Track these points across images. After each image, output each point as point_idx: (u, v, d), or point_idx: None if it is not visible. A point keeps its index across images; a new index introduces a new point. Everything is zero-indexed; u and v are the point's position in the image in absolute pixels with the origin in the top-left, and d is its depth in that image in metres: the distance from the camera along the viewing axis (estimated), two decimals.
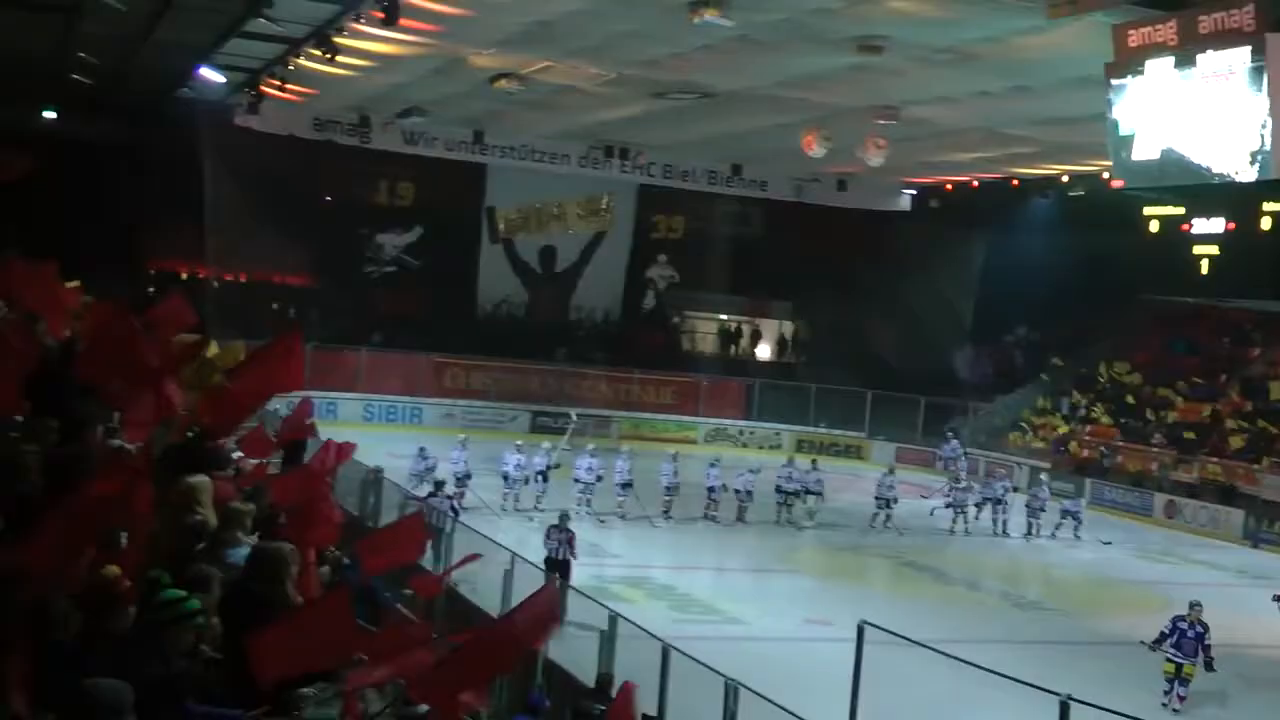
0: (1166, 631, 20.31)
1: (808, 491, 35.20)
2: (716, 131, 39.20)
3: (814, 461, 37.81)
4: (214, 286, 46.90)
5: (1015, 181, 43.95)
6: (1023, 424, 47.78)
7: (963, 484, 37.10)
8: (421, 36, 28.51)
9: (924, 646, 16.14)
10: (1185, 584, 27.55)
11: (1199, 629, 20.09)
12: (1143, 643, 20.69)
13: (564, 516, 25.03)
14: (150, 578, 7.03)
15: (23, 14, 29.64)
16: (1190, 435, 42.61)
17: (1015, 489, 36.64)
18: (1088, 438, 45.21)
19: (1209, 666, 20.11)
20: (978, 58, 26.12)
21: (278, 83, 35.55)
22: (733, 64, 28.87)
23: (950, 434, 44.75)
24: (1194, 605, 20.40)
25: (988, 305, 51.12)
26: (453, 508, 27.66)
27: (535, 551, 23.62)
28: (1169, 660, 20.17)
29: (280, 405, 19.75)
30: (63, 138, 44.19)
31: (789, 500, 34.85)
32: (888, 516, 35.25)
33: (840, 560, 32.68)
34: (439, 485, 28.35)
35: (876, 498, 35.67)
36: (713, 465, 34.80)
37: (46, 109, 44.06)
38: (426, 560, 23.16)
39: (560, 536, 24.17)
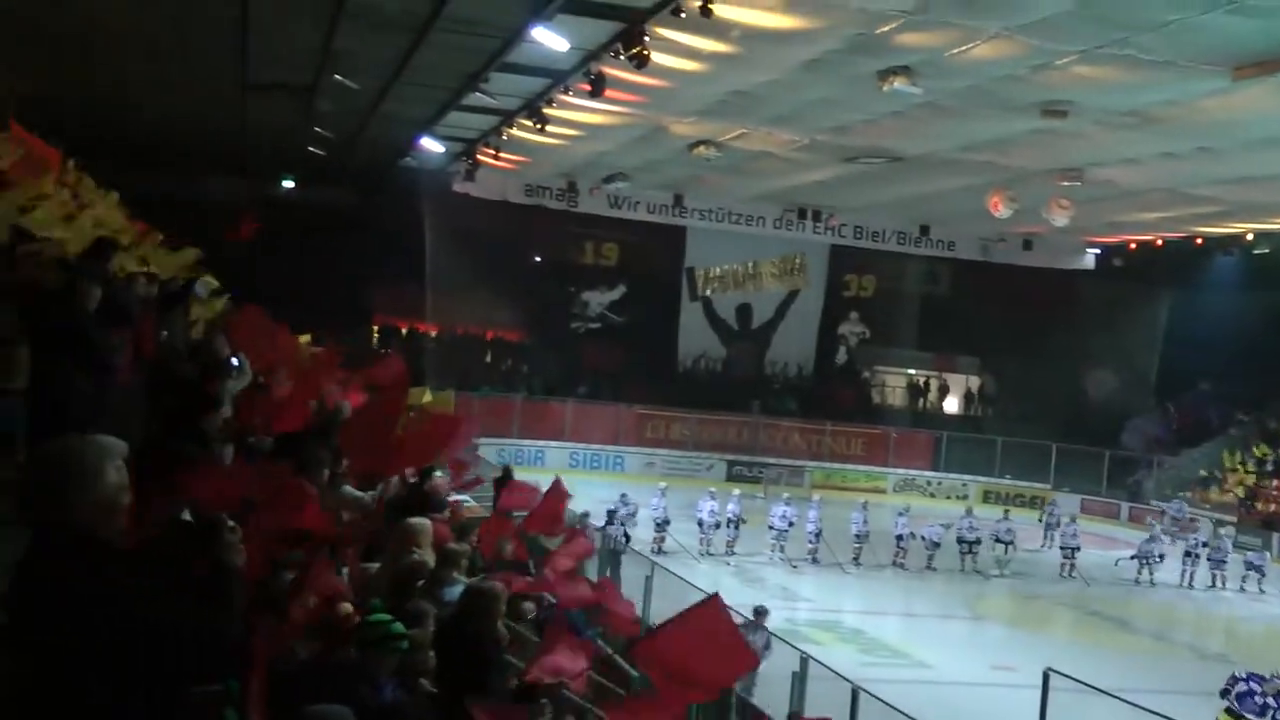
0: (1231, 684, 17.26)
1: (998, 540, 34.60)
2: (905, 194, 38.91)
3: (1006, 512, 37.18)
4: (432, 340, 47.90)
5: (1199, 240, 42.70)
6: (1209, 478, 46.24)
7: (1150, 536, 36.04)
8: (625, 107, 28.86)
9: (1109, 695, 15.71)
10: None
11: (1274, 704, 16.83)
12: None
13: (760, 612, 19.78)
14: (328, 615, 7.16)
15: (267, 94, 30.80)
16: None
17: (1206, 543, 35.43)
18: (1275, 491, 43.56)
19: None
20: (1162, 120, 25.53)
21: (492, 151, 36.26)
22: (921, 129, 28.66)
23: (1182, 495, 43.40)
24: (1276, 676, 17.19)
25: (1172, 360, 49.69)
26: (625, 534, 28.08)
27: (729, 593, 23.49)
28: (1227, 712, 17.10)
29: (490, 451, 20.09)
30: (299, 204, 45.84)
31: (971, 549, 34.26)
32: (1072, 566, 34.49)
33: (1026, 608, 32.00)
34: (611, 515, 28.72)
35: (1061, 547, 34.96)
36: (901, 514, 34.43)
37: (285, 179, 45.64)
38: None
39: (755, 640, 17.86)
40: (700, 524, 33.02)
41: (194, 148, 40.18)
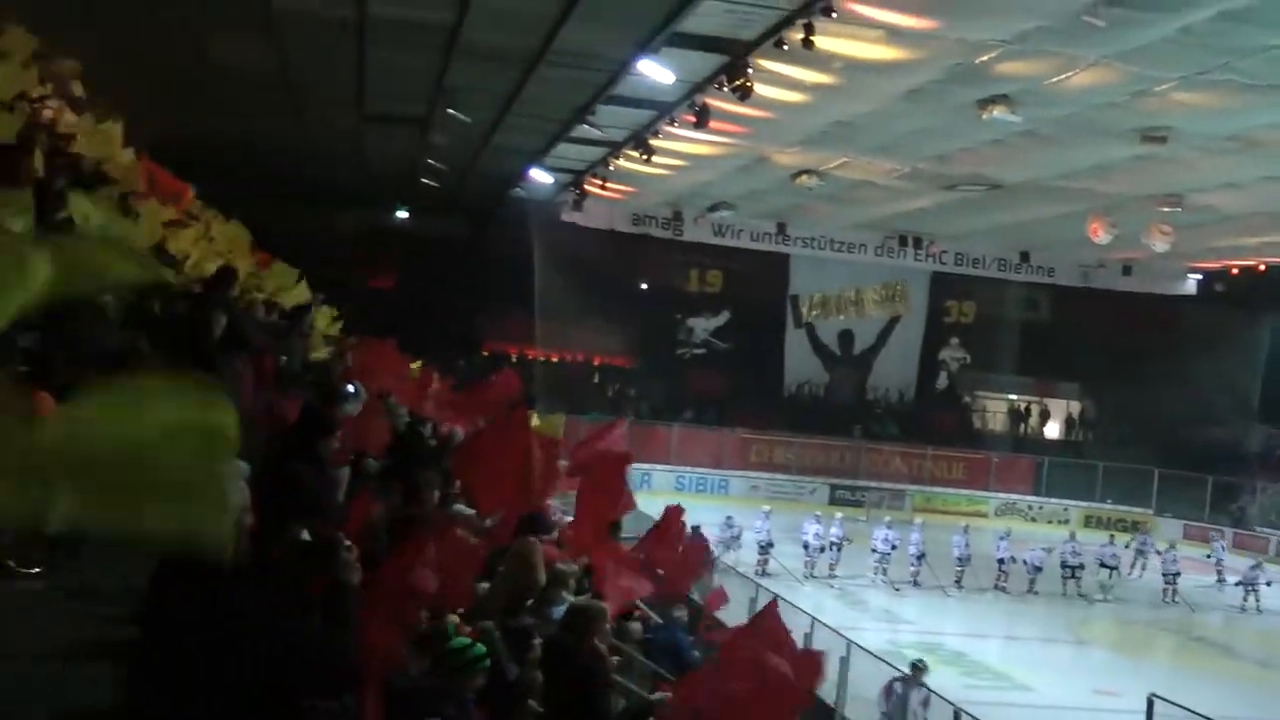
0: None
1: (1102, 565, 34.06)
2: (1005, 221, 38.51)
3: (1112, 537, 36.57)
4: (541, 366, 48.16)
5: None
6: None
7: (1254, 562, 35.24)
8: (729, 138, 28.89)
9: None
10: None
11: None
12: None
13: (919, 667, 17.37)
14: (438, 628, 7.18)
15: (383, 127, 31.27)
16: None
17: None
18: None
19: None
20: (1263, 144, 25.06)
21: (600, 182, 36.46)
22: (1020, 157, 28.40)
23: None
24: None
25: (1275, 386, 48.58)
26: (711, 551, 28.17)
27: (832, 615, 23.39)
28: None
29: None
30: (413, 234, 46.46)
31: (1074, 573, 33.72)
32: (1174, 591, 33.84)
33: (1129, 633, 31.43)
34: (695, 530, 28.77)
35: (1163, 573, 34.32)
36: (1002, 538, 34.00)
37: (400, 209, 46.22)
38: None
39: (904, 695, 16.85)
40: (805, 546, 32.88)
41: (315, 180, 40.85)
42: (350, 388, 13.75)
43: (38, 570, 9.11)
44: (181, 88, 27.31)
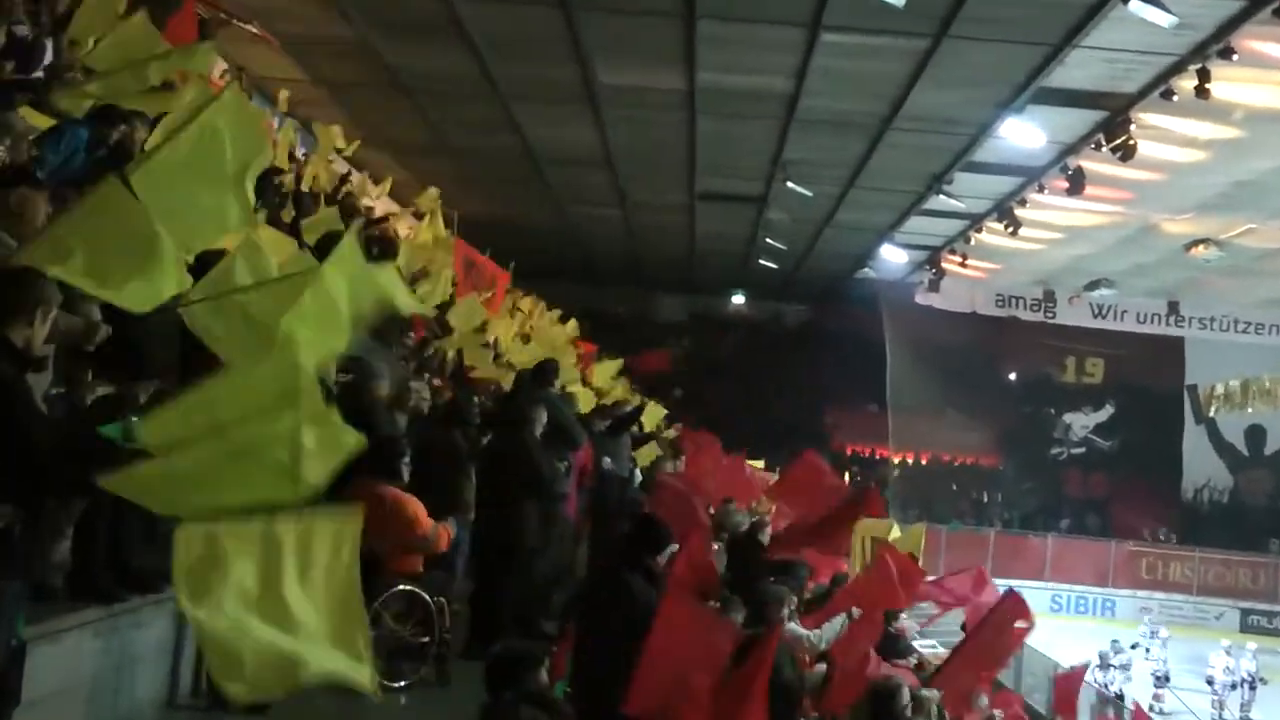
0: None
1: None
2: None
3: None
4: (895, 467, 47.88)
5: None
6: None
7: None
8: (1109, 205, 28.31)
9: None
10: None
11: None
12: None
13: None
14: None
15: (716, 205, 31.89)
16: None
17: None
18: None
19: None
20: None
21: (959, 259, 36.18)
22: None
23: None
24: None
25: None
26: (1118, 694, 27.45)
27: None
28: None
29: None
30: (749, 320, 47.21)
31: None
32: None
33: None
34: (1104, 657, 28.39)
35: None
36: None
37: (734, 293, 47.02)
38: None
39: None
40: (1209, 682, 31.59)
41: (643, 265, 41.96)
42: None
43: (403, 684, 9.94)
44: (500, 171, 28.56)
